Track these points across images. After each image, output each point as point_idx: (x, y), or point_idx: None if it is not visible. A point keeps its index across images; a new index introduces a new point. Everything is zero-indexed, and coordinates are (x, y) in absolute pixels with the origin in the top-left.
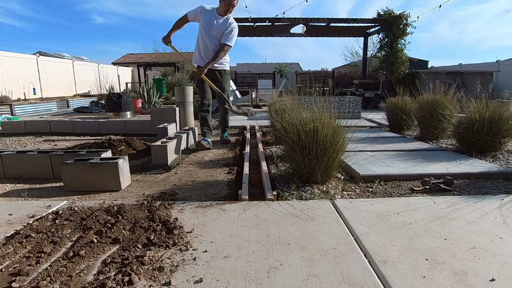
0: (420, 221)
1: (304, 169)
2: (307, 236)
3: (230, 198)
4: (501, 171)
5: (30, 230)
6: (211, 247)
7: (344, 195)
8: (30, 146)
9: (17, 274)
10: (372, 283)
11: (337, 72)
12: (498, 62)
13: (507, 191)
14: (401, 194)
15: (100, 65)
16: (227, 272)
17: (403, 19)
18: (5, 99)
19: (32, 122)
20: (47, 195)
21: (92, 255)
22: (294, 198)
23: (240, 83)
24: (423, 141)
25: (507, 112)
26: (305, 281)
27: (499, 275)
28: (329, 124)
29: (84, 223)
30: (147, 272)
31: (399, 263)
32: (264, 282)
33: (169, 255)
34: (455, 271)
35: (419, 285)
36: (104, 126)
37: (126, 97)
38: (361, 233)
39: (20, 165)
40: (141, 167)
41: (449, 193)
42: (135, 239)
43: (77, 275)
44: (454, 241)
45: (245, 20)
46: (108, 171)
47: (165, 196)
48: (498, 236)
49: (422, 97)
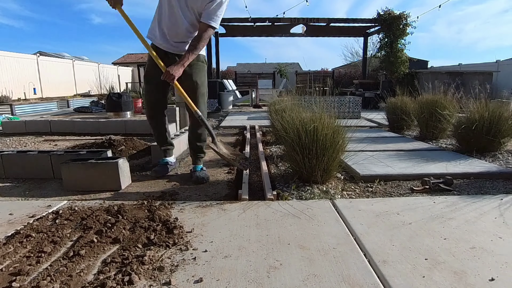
0: (420, 221)
1: (304, 169)
2: (307, 236)
3: (230, 197)
4: (500, 171)
5: (30, 230)
6: (211, 246)
7: (344, 195)
8: (30, 146)
9: (17, 274)
10: (372, 282)
11: (337, 72)
12: (498, 62)
13: (507, 191)
14: (401, 194)
15: (100, 65)
16: (227, 271)
17: (403, 19)
18: (5, 99)
19: (33, 122)
20: (47, 195)
21: (92, 255)
22: (294, 198)
23: (240, 83)
24: (423, 141)
25: (507, 112)
26: (305, 280)
27: (498, 274)
28: (329, 124)
29: (84, 222)
30: (147, 271)
31: (398, 263)
32: (264, 282)
33: (169, 255)
34: (454, 271)
35: (418, 285)
36: (104, 126)
37: (126, 97)
38: (361, 233)
39: (20, 165)
40: (141, 167)
41: (449, 193)
42: (135, 238)
43: (77, 274)
44: (453, 241)
45: (245, 20)
46: (108, 171)
47: (165, 196)
48: (498, 236)
49: (422, 97)
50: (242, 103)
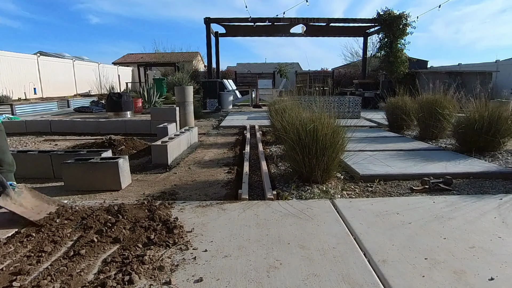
0: (420, 221)
1: (304, 168)
2: (306, 235)
3: (230, 197)
4: (500, 171)
5: (31, 230)
6: (211, 246)
7: (344, 195)
8: (30, 146)
9: (18, 273)
10: (371, 282)
11: (337, 72)
12: (497, 62)
13: (506, 190)
14: (400, 193)
15: (100, 65)
16: (227, 271)
17: (402, 19)
18: (5, 99)
19: (33, 122)
20: (47, 195)
21: (93, 255)
22: (294, 197)
23: (240, 83)
24: (423, 140)
25: (506, 111)
26: (305, 280)
27: (498, 274)
28: (329, 124)
29: (84, 222)
30: (148, 271)
31: (398, 263)
32: (264, 282)
33: (170, 255)
34: (454, 270)
35: (418, 285)
36: (104, 125)
37: (126, 97)
38: (361, 232)
39: (20, 165)
40: (141, 166)
41: (449, 193)
42: (136, 238)
43: (78, 274)
44: (453, 241)
45: (245, 20)
46: (109, 171)
47: (165, 196)
48: (497, 236)
49: (422, 97)
50: (242, 103)
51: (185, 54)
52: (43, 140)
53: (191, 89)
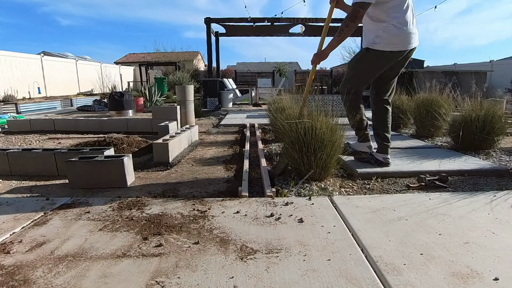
0: (416, 217)
1: (303, 166)
2: (305, 231)
3: (230, 194)
4: (493, 168)
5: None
6: None
7: (342, 192)
8: (35, 144)
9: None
10: (368, 277)
11: (335, 71)
12: (492, 62)
13: (500, 187)
14: (397, 190)
15: (102, 65)
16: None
17: None
18: (10, 98)
19: (37, 120)
20: (52, 192)
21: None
22: (293, 194)
23: (240, 82)
24: (419, 139)
25: (500, 110)
26: (304, 275)
27: (491, 269)
28: (327, 122)
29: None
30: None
31: (395, 258)
32: (264, 277)
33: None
34: (449, 265)
35: (414, 279)
36: (106, 124)
37: (128, 95)
38: (358, 228)
39: (25, 163)
40: (143, 164)
41: (444, 190)
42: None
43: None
44: (448, 236)
45: (244, 20)
46: (114, 169)
47: (167, 193)
48: (491, 231)
49: (419, 96)
50: (242, 102)
51: (186, 54)
52: (47, 139)
53: (192, 88)
